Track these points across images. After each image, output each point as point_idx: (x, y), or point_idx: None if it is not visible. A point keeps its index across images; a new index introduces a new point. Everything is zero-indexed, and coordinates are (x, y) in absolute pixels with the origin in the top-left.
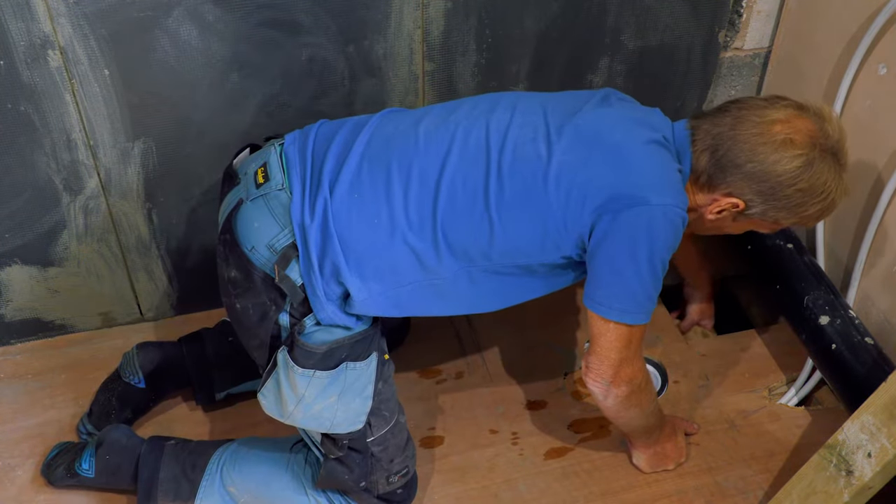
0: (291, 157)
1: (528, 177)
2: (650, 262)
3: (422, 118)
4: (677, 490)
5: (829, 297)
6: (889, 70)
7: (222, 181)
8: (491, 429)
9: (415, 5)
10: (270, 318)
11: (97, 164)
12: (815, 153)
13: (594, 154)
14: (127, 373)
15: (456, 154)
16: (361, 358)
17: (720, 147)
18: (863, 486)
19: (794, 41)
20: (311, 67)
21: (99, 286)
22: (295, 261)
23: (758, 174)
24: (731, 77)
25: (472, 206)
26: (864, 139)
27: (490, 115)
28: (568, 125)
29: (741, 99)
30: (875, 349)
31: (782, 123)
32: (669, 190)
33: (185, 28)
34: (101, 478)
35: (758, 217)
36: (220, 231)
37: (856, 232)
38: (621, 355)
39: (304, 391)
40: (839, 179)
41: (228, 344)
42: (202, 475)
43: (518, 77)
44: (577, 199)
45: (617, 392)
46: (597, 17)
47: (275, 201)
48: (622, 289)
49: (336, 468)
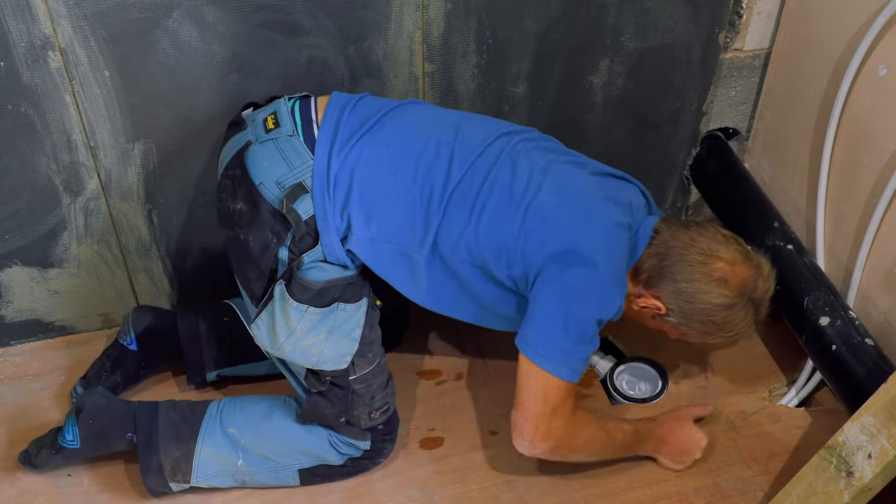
0: (332, 104)
1: (512, 199)
2: (581, 322)
3: (461, 122)
4: (677, 491)
5: (830, 297)
6: (889, 71)
7: (227, 129)
8: (491, 430)
9: (415, 7)
10: (271, 251)
11: (97, 165)
12: (740, 300)
13: (570, 209)
14: (121, 334)
15: (477, 161)
16: (352, 300)
17: (667, 258)
18: (863, 487)
19: (794, 42)
20: (311, 69)
21: (99, 287)
22: (304, 196)
23: (686, 294)
24: (731, 78)
25: (473, 201)
26: (864, 139)
27: (516, 144)
28: (553, 171)
29: (705, 226)
30: (875, 350)
31: (725, 263)
32: (620, 276)
33: (185, 29)
34: (87, 445)
35: (671, 325)
36: (225, 167)
37: (856, 233)
38: (539, 408)
39: (296, 325)
40: (749, 326)
41: (223, 324)
42: (202, 417)
43: (518, 78)
44: (538, 237)
45: (540, 449)
46: (596, 18)
47: (285, 144)
48: (551, 336)
49: (318, 402)
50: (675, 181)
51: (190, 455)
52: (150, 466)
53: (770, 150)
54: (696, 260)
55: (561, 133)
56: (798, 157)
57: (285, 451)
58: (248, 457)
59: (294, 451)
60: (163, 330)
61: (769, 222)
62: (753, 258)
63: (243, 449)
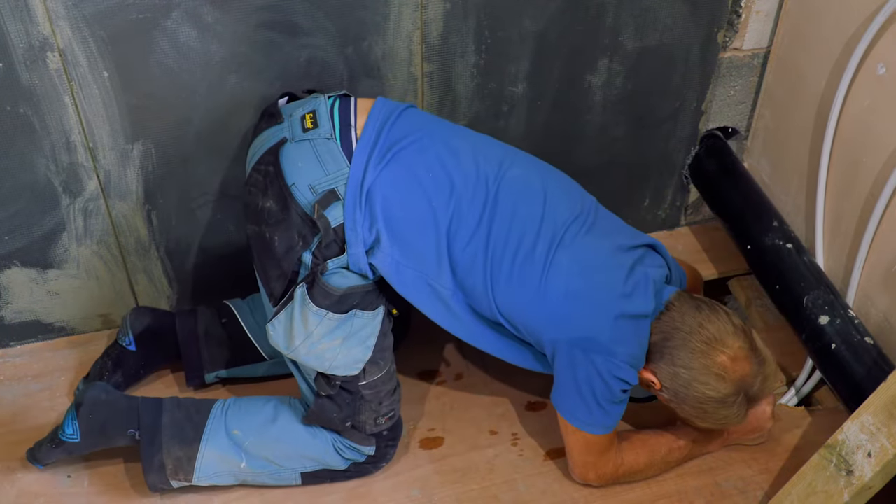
0: (376, 111)
1: (532, 275)
2: (608, 392)
3: (511, 161)
4: (677, 490)
5: (829, 296)
6: (888, 70)
7: (260, 118)
8: (491, 430)
9: (413, 6)
10: (295, 253)
11: (96, 165)
12: (735, 397)
13: (587, 301)
14: (120, 334)
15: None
16: (370, 308)
17: (671, 340)
18: (863, 485)
19: (793, 41)
20: (310, 69)
21: (99, 288)
22: (336, 203)
23: (682, 379)
24: (730, 77)
25: (511, 264)
26: (862, 139)
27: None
28: (567, 242)
29: (717, 311)
30: (875, 349)
31: (727, 357)
32: (638, 361)
33: (183, 30)
34: (87, 440)
35: (663, 398)
36: (258, 161)
37: (855, 231)
38: (584, 458)
39: (313, 329)
40: (740, 416)
41: (221, 326)
42: (207, 417)
43: (517, 78)
44: (553, 321)
45: (595, 485)
46: (595, 17)
47: (322, 147)
48: (583, 404)
49: (326, 405)
50: (674, 180)
51: (193, 456)
52: (153, 464)
53: (769, 149)
54: (699, 349)
55: (560, 133)
56: (797, 156)
57: (289, 455)
58: (251, 459)
59: (298, 455)
60: (161, 331)
61: (769, 221)
62: (759, 354)
63: (247, 451)
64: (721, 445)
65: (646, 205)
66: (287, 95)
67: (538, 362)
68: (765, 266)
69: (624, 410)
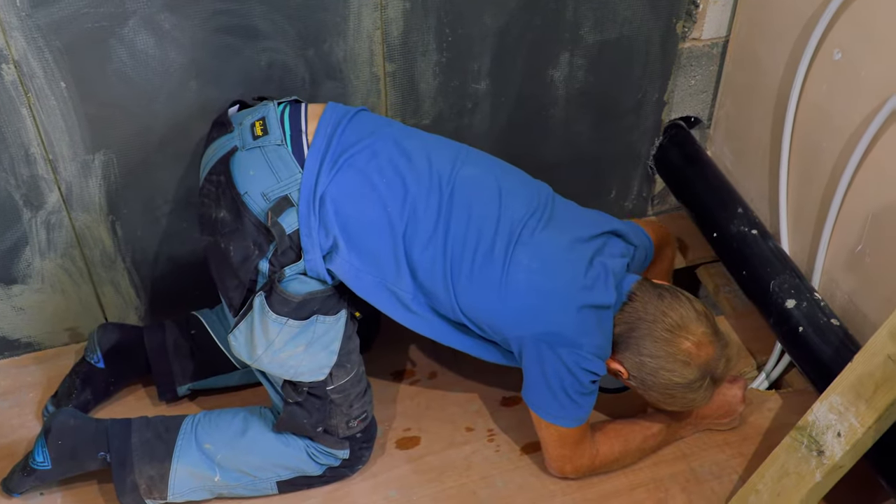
0: (326, 116)
1: (493, 274)
2: (577, 384)
3: (463, 160)
4: (653, 478)
5: (795, 280)
6: (844, 55)
7: (211, 127)
8: (467, 426)
9: (373, 7)
10: (251, 262)
11: (57, 178)
12: (701, 381)
13: (553, 297)
14: (88, 351)
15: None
16: (331, 313)
17: (635, 330)
18: (834, 465)
19: (751, 29)
20: (271, 73)
21: (65, 302)
22: (290, 210)
23: (648, 367)
24: (690, 67)
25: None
26: (821, 123)
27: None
28: (524, 239)
29: (679, 297)
30: (841, 330)
31: (691, 343)
32: (605, 350)
33: (141, 37)
34: (59, 466)
35: (631, 385)
36: (208, 172)
37: (818, 215)
38: (559, 452)
39: (274, 337)
40: (707, 398)
41: (190, 337)
42: (177, 434)
43: (480, 75)
44: (516, 317)
45: (572, 477)
46: (555, 11)
47: (273, 154)
48: (553, 399)
49: (296, 412)
50: (639, 171)
51: (165, 474)
52: (125, 486)
53: (731, 137)
54: (663, 337)
55: (525, 128)
56: (759, 142)
57: (263, 465)
58: (225, 472)
59: (272, 464)
60: (130, 346)
61: (734, 209)
62: (721, 338)
63: (220, 465)
64: (694, 430)
65: (612, 196)
66: (238, 103)
67: (506, 357)
68: (731, 253)
69: (595, 401)
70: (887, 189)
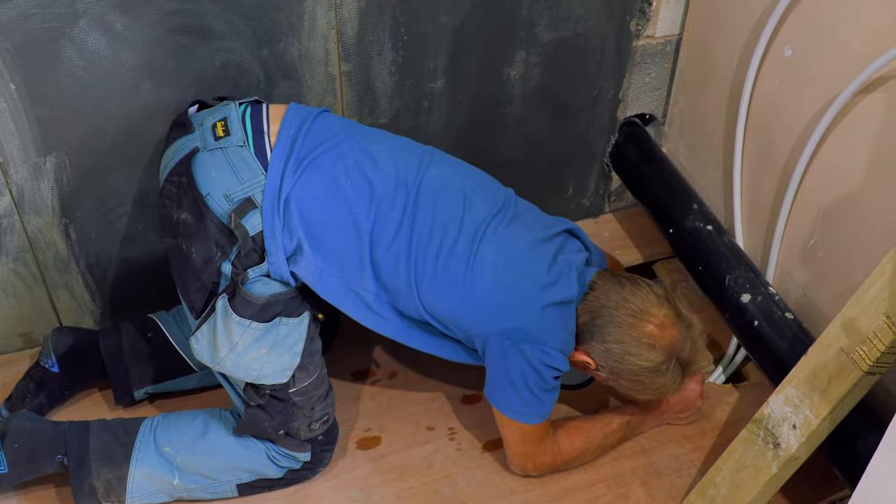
0: (289, 118)
1: (457, 271)
2: (540, 380)
3: (432, 162)
4: (613, 473)
5: (750, 275)
6: (794, 52)
7: (171, 128)
8: (428, 425)
9: (327, 6)
10: (214, 264)
11: (8, 181)
12: (668, 363)
13: (515, 294)
14: (42, 356)
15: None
16: (295, 315)
17: (599, 318)
18: (790, 457)
19: (704, 27)
20: (226, 73)
21: (18, 307)
22: (253, 211)
23: (615, 354)
24: (644, 65)
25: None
26: (774, 118)
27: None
28: (489, 237)
29: (639, 283)
30: (795, 323)
31: (655, 326)
32: (568, 345)
33: (92, 38)
34: (16, 470)
35: (601, 377)
36: (169, 173)
37: (771, 209)
38: (521, 449)
39: (238, 339)
40: (677, 384)
41: (146, 340)
42: (135, 437)
43: (436, 73)
44: (479, 314)
45: (534, 475)
46: (510, 9)
47: (235, 155)
48: (516, 395)
49: (257, 414)
50: (596, 168)
51: (123, 477)
52: (82, 489)
53: (686, 133)
54: (627, 322)
55: (482, 127)
56: (713, 139)
57: (222, 468)
58: (184, 475)
59: (232, 467)
60: (85, 350)
61: (689, 205)
62: (685, 319)
63: (179, 468)
64: (653, 425)
65: (569, 194)
66: (197, 103)
67: (469, 356)
68: (687, 248)
69: (557, 397)
70: (838, 184)
